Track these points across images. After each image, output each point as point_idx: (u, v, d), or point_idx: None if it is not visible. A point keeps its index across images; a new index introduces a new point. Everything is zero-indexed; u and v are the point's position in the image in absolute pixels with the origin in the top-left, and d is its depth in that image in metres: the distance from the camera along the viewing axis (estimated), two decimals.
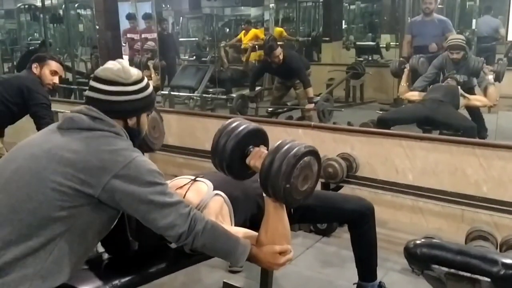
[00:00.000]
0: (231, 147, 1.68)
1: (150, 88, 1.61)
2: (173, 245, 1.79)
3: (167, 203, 1.47)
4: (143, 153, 1.80)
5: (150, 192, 1.44)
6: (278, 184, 1.57)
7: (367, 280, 2.20)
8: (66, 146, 1.44)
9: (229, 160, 1.70)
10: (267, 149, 1.69)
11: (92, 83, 1.56)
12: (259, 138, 1.76)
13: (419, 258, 1.12)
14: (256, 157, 1.68)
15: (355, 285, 2.23)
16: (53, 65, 3.20)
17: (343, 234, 3.13)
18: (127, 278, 1.69)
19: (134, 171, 1.43)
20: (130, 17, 6.52)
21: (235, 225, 1.89)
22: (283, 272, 2.71)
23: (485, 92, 4.03)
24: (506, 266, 1.05)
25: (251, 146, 1.71)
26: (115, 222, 1.59)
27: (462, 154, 3.09)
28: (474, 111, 4.36)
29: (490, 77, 3.97)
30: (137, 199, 1.43)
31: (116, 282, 1.66)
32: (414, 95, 4.21)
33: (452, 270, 1.06)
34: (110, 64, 1.57)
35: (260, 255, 1.62)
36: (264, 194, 1.68)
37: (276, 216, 1.66)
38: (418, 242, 1.17)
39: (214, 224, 1.56)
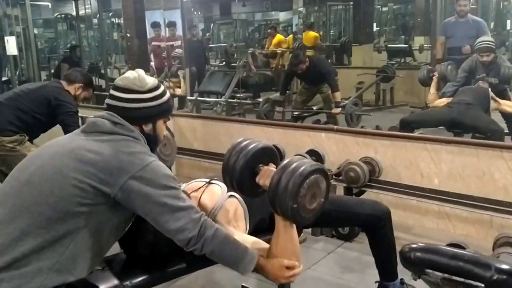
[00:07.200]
0: (240, 166, 1.69)
1: (166, 96, 1.68)
2: None
3: (180, 207, 1.51)
4: None
5: (164, 195, 1.49)
6: (285, 204, 1.56)
7: (388, 280, 2.23)
8: (88, 146, 1.52)
9: (239, 178, 1.70)
10: (277, 167, 1.67)
11: (111, 91, 1.66)
12: (268, 156, 1.75)
13: (413, 262, 1.09)
14: (265, 175, 1.67)
15: (377, 284, 2.24)
16: (80, 86, 3.25)
17: (366, 240, 3.04)
18: (144, 277, 1.71)
19: (151, 173, 1.50)
20: (155, 25, 6.70)
21: (250, 226, 1.91)
22: (302, 277, 2.66)
23: None
24: (499, 270, 1.01)
25: (261, 165, 1.71)
26: (129, 225, 1.64)
27: (489, 158, 2.99)
28: (508, 114, 4.21)
29: None
30: (152, 201, 1.49)
31: (135, 280, 1.68)
32: (443, 102, 4.04)
33: (446, 275, 1.02)
34: (128, 73, 1.66)
35: (268, 266, 1.64)
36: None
37: (286, 235, 1.66)
38: (413, 246, 1.14)
39: (224, 232, 1.59)
